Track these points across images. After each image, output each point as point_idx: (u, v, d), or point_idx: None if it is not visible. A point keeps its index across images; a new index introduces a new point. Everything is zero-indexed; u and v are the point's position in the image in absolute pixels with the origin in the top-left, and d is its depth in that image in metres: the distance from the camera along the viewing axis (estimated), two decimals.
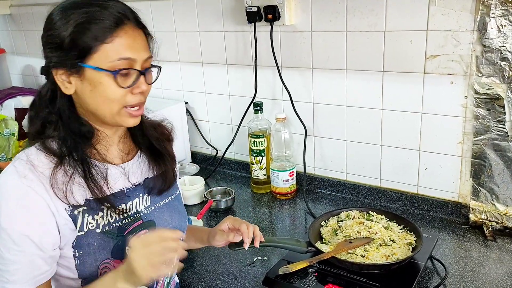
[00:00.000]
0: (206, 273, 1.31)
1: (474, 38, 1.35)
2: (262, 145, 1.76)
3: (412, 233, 1.29)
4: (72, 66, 0.90)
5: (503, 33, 1.30)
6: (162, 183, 1.09)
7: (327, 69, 1.65)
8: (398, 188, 1.63)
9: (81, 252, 0.93)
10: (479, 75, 1.36)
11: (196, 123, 2.09)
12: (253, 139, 1.76)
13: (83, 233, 0.93)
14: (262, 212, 1.70)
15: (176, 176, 1.16)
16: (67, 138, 0.94)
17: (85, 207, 0.93)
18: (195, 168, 2.01)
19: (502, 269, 1.26)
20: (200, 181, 1.79)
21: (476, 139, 1.42)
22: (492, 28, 1.31)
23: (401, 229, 1.32)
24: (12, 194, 0.88)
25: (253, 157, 1.79)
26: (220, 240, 1.14)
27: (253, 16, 1.68)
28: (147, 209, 1.05)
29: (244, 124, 1.86)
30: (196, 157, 2.12)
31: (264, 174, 1.80)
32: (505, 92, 1.34)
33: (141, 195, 1.05)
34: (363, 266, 1.17)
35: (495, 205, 1.44)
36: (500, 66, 1.32)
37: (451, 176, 1.51)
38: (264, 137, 1.75)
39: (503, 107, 1.35)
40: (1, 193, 0.88)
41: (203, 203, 1.73)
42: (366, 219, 1.34)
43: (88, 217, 0.94)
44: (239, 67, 1.86)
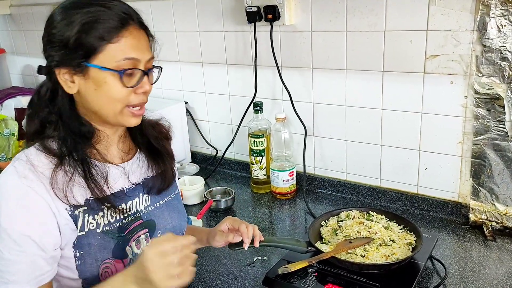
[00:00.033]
0: (206, 273, 1.31)
1: (474, 38, 1.35)
2: (262, 145, 1.76)
3: (412, 233, 1.29)
4: (76, 65, 0.90)
5: (503, 33, 1.30)
6: (161, 182, 1.09)
7: (327, 69, 1.65)
8: (398, 188, 1.63)
9: (81, 252, 0.93)
10: (479, 75, 1.36)
11: (196, 123, 2.09)
12: (253, 139, 1.76)
13: (83, 233, 0.93)
14: (262, 212, 1.70)
15: (175, 175, 1.16)
16: (67, 138, 0.94)
17: (85, 207, 0.93)
18: (195, 168, 2.01)
19: (502, 269, 1.26)
20: (200, 181, 1.79)
21: (476, 139, 1.42)
22: (492, 28, 1.31)
23: (401, 229, 1.32)
24: (13, 194, 0.87)
25: (253, 157, 1.79)
26: (220, 240, 1.14)
27: (253, 16, 1.68)
28: (147, 208, 1.05)
29: (244, 124, 1.86)
30: (196, 157, 2.12)
31: (264, 174, 1.80)
32: (505, 92, 1.34)
33: (140, 194, 1.05)
34: (362, 266, 1.17)
35: (495, 205, 1.44)
36: (500, 66, 1.32)
37: (451, 176, 1.51)
38: (264, 137, 1.75)
39: (503, 107, 1.35)
40: (1, 193, 0.88)
41: (203, 203, 1.73)
42: (366, 219, 1.34)
43: (88, 217, 0.94)
44: (239, 67, 1.86)
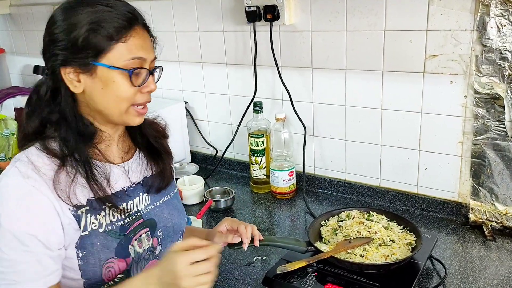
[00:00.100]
0: None
1: (473, 37, 1.35)
2: (262, 144, 1.76)
3: (412, 233, 1.29)
4: (83, 64, 0.90)
5: (502, 32, 1.30)
6: (160, 181, 1.09)
7: (327, 68, 1.65)
8: (398, 187, 1.63)
9: (84, 253, 0.93)
10: (479, 74, 1.36)
11: (195, 123, 2.09)
12: (252, 139, 1.76)
13: (87, 233, 0.93)
14: (261, 212, 1.69)
15: (173, 173, 1.17)
16: (69, 138, 0.93)
17: (87, 207, 0.93)
18: (194, 168, 2.01)
19: (501, 268, 1.26)
20: (200, 181, 1.79)
21: (476, 138, 1.42)
22: (491, 27, 1.31)
23: (401, 229, 1.32)
24: (16, 195, 0.87)
25: (252, 156, 1.79)
26: (219, 242, 1.15)
27: (252, 16, 1.68)
28: (147, 207, 1.06)
29: (243, 124, 1.86)
30: (195, 157, 2.12)
31: (264, 174, 1.80)
32: (504, 91, 1.34)
33: (140, 193, 1.05)
34: (362, 266, 1.17)
35: (494, 204, 1.44)
36: (500, 65, 1.32)
37: (451, 175, 1.51)
38: (263, 136, 1.75)
39: (503, 107, 1.35)
40: (5, 194, 0.87)
41: (202, 203, 1.73)
42: (366, 219, 1.34)
43: (91, 217, 0.94)
44: (239, 66, 1.86)
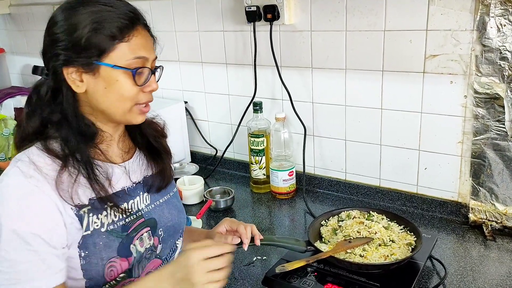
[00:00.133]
0: None
1: (473, 37, 1.35)
2: (262, 144, 1.76)
3: (412, 233, 1.29)
4: (86, 64, 0.90)
5: (502, 32, 1.30)
6: (160, 180, 1.09)
7: (327, 68, 1.65)
8: (398, 187, 1.63)
9: (87, 252, 0.93)
10: (479, 74, 1.36)
11: (195, 123, 2.09)
12: (252, 139, 1.76)
13: (89, 232, 0.93)
14: (261, 211, 1.69)
15: (173, 173, 1.17)
16: (71, 139, 0.93)
17: (89, 207, 0.93)
18: (194, 167, 2.01)
19: (501, 268, 1.26)
20: (200, 180, 1.79)
21: (476, 138, 1.42)
22: (491, 27, 1.31)
23: (401, 229, 1.32)
24: (19, 194, 0.87)
25: (252, 156, 1.79)
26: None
27: (252, 16, 1.68)
28: (148, 207, 1.06)
29: (243, 124, 1.86)
30: (195, 156, 2.12)
31: (264, 174, 1.80)
32: (504, 91, 1.34)
33: (141, 193, 1.05)
34: (361, 266, 1.17)
35: (494, 204, 1.44)
36: (500, 65, 1.32)
37: (451, 175, 1.51)
38: (263, 136, 1.75)
39: (503, 107, 1.35)
40: (7, 194, 0.87)
41: (202, 203, 1.73)
42: (367, 219, 1.34)
43: (92, 216, 0.94)
44: (239, 66, 1.86)
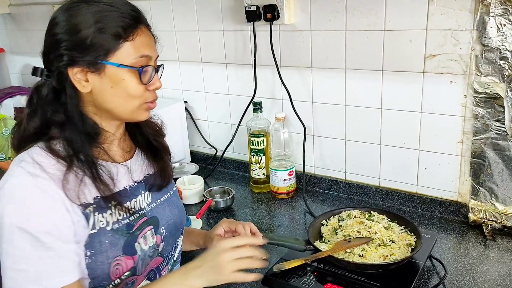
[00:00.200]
0: None
1: (473, 37, 1.35)
2: (262, 144, 1.76)
3: (412, 233, 1.28)
4: (92, 64, 0.90)
5: (502, 32, 1.30)
6: (161, 179, 1.10)
7: (327, 68, 1.64)
8: (398, 187, 1.63)
9: (92, 251, 0.93)
10: (479, 74, 1.36)
11: (195, 123, 2.09)
12: (252, 139, 1.76)
13: (95, 231, 0.93)
14: (261, 211, 1.69)
15: (172, 171, 1.17)
16: (75, 139, 0.93)
17: (94, 205, 0.94)
18: (194, 167, 2.01)
19: (501, 268, 1.26)
20: (200, 180, 1.79)
21: (476, 138, 1.42)
22: (491, 27, 1.31)
23: (401, 229, 1.32)
24: (27, 194, 0.87)
25: (252, 156, 1.79)
26: None
27: (252, 15, 1.68)
28: (150, 205, 1.06)
29: (243, 124, 1.86)
30: (195, 156, 2.12)
31: (264, 174, 1.80)
32: (504, 91, 1.33)
33: (142, 192, 1.06)
34: (360, 266, 1.17)
35: (494, 204, 1.44)
36: (500, 65, 1.32)
37: (451, 175, 1.51)
38: (263, 136, 1.75)
39: (503, 107, 1.35)
40: (15, 194, 0.87)
41: (202, 203, 1.73)
42: (367, 219, 1.34)
43: (98, 215, 0.94)
44: (239, 66, 1.86)
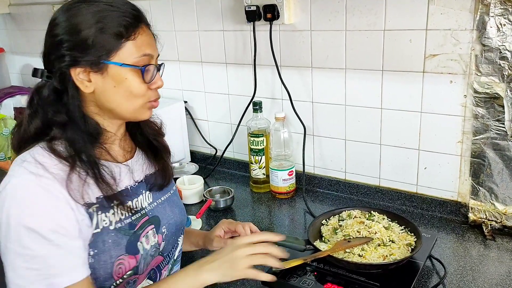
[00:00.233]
0: None
1: (473, 37, 1.35)
2: (261, 144, 1.76)
3: (413, 234, 1.28)
4: (94, 64, 0.90)
5: (502, 32, 1.30)
6: (162, 178, 1.10)
7: (327, 68, 1.65)
8: (398, 187, 1.63)
9: (96, 251, 0.93)
10: (479, 74, 1.36)
11: (195, 122, 2.09)
12: (252, 138, 1.76)
13: (99, 230, 0.93)
14: (261, 211, 1.69)
15: (172, 171, 1.17)
16: (77, 139, 0.93)
17: (97, 205, 0.94)
18: (194, 167, 2.01)
19: (501, 268, 1.26)
20: (199, 180, 1.79)
21: (476, 138, 1.42)
22: (491, 27, 1.31)
23: (402, 229, 1.31)
24: (31, 193, 0.86)
25: (252, 156, 1.79)
26: (218, 246, 1.18)
27: (252, 15, 1.68)
28: (151, 205, 1.07)
29: (243, 123, 1.86)
30: (195, 156, 2.12)
31: (263, 174, 1.80)
32: (504, 91, 1.34)
33: (143, 191, 1.06)
34: (359, 266, 1.17)
35: (494, 204, 1.44)
36: (499, 65, 1.32)
37: (450, 175, 1.51)
38: (263, 136, 1.75)
39: (502, 106, 1.35)
40: (19, 194, 0.87)
41: (202, 202, 1.73)
42: (367, 219, 1.34)
43: (101, 214, 0.94)
44: (239, 66, 1.86)
